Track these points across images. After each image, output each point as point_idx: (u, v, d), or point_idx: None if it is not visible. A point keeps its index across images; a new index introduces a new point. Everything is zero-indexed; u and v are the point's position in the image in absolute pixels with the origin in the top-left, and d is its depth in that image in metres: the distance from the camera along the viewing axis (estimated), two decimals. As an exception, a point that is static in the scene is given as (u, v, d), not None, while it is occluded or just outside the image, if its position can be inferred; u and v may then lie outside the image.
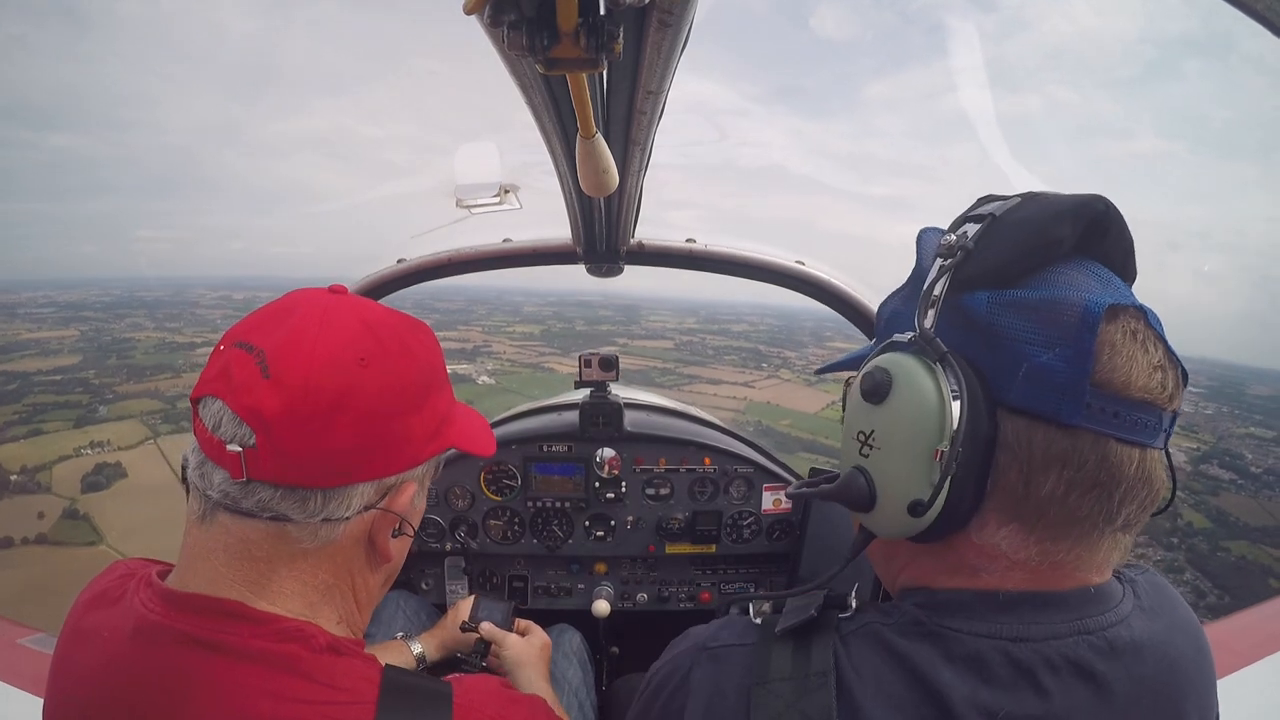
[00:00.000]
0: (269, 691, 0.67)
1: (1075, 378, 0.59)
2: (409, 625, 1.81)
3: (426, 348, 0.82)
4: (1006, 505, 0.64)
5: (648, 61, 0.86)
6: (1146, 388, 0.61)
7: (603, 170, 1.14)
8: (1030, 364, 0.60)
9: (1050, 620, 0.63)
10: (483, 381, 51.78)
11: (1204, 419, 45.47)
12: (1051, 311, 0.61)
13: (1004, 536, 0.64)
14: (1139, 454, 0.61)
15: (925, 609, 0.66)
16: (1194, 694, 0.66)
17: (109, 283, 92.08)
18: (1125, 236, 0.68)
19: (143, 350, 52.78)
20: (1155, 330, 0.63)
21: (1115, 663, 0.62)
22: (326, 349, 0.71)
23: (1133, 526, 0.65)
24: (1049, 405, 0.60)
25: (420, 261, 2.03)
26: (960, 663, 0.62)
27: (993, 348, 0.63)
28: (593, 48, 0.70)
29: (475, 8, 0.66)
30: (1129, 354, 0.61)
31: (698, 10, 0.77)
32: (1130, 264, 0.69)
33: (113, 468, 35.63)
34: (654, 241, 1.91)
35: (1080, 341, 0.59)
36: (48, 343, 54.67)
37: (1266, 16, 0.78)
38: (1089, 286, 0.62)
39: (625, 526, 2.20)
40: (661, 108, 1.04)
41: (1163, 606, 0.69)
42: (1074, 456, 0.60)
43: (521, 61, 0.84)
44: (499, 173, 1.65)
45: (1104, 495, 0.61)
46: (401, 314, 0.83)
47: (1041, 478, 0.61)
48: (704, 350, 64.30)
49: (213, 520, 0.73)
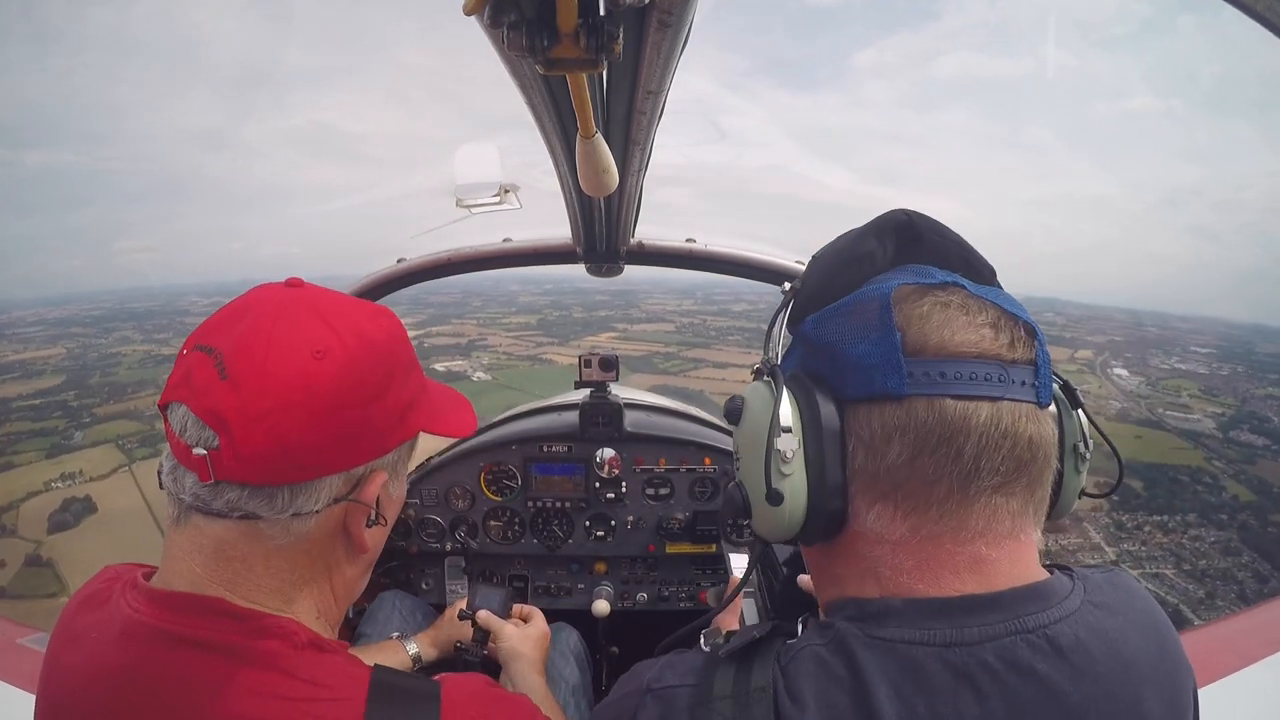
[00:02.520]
0: (251, 688, 0.68)
1: (888, 353, 0.65)
2: (404, 625, 1.81)
3: (387, 334, 0.80)
4: (866, 485, 0.68)
5: (648, 61, 0.86)
6: (968, 342, 0.64)
7: (603, 170, 1.14)
8: (852, 357, 0.67)
9: (984, 622, 0.62)
10: (478, 378, 50.35)
11: (1221, 381, 43.86)
12: (858, 310, 0.69)
13: (875, 517, 0.67)
14: (989, 407, 0.63)
15: (857, 621, 0.66)
16: (1156, 693, 0.64)
17: (100, 295, 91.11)
18: (947, 236, 0.75)
19: (127, 366, 49.84)
20: (983, 298, 0.67)
21: (1060, 661, 0.60)
22: (281, 345, 0.71)
23: (1010, 486, 0.65)
24: (877, 385, 0.65)
25: (420, 261, 2.03)
26: (897, 673, 0.61)
27: (826, 356, 0.70)
28: (593, 48, 0.70)
29: (475, 8, 0.66)
30: (941, 320, 0.65)
31: (697, 10, 0.77)
32: (970, 258, 0.75)
33: (82, 503, 32.39)
34: (654, 241, 1.91)
35: (883, 323, 0.66)
36: (32, 364, 51.86)
37: (1266, 16, 0.78)
38: (894, 280, 0.69)
39: (625, 526, 2.20)
40: (661, 108, 1.04)
41: (1120, 603, 0.67)
42: (910, 422, 0.64)
43: (521, 62, 0.84)
44: (499, 172, 1.65)
45: (952, 452, 0.63)
46: (361, 301, 0.83)
47: (885, 448, 0.65)
48: (706, 332, 62.58)
49: (187, 523, 0.74)
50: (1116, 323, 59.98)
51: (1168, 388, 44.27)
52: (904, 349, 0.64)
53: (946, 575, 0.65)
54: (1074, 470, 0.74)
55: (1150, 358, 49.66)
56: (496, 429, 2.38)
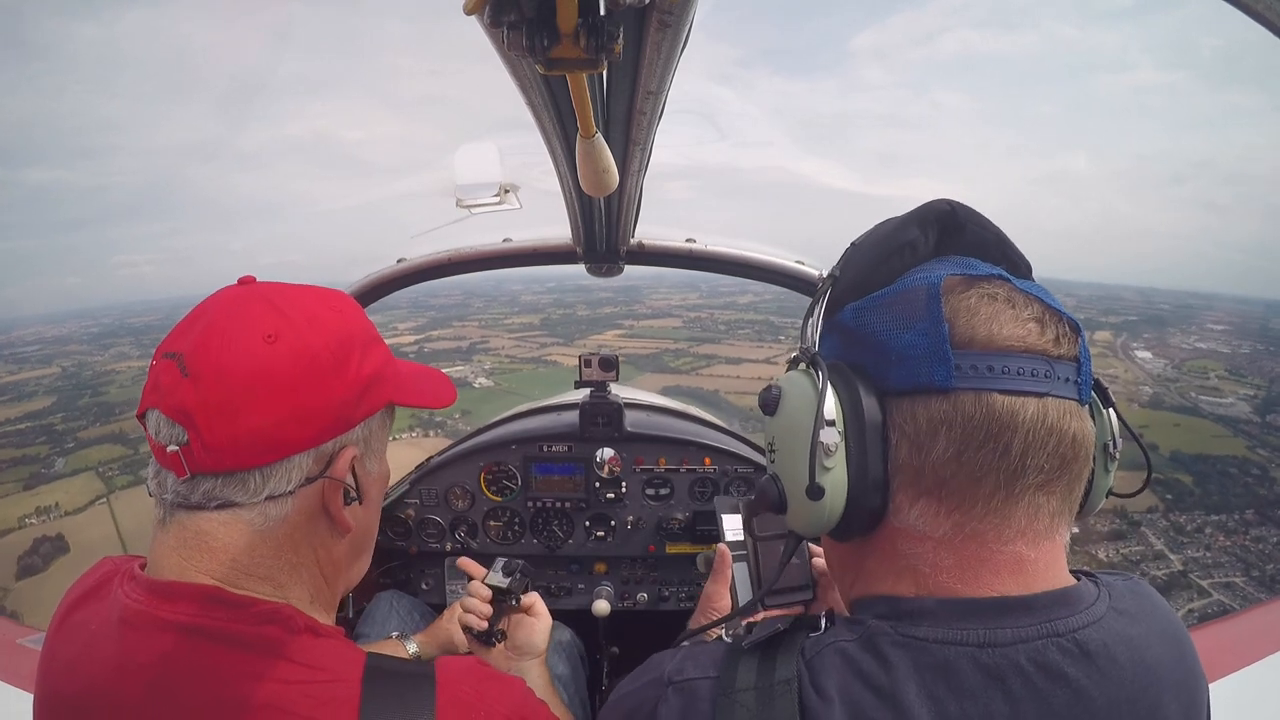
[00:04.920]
0: (251, 674, 0.70)
1: (935, 344, 0.63)
2: (403, 625, 1.81)
3: (339, 313, 0.83)
4: (910, 481, 0.66)
5: (648, 61, 0.86)
6: (1015, 336, 0.63)
7: (603, 170, 1.14)
8: (897, 348, 0.66)
9: (1017, 624, 0.62)
10: (480, 385, 48.14)
11: (1245, 360, 43.27)
12: (903, 299, 0.67)
13: (918, 514, 0.66)
14: (1035, 403, 0.62)
15: (890, 619, 0.66)
16: (1176, 700, 0.65)
17: (101, 310, 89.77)
18: (987, 228, 0.73)
19: (119, 384, 48.13)
20: (1027, 293, 0.66)
21: (1088, 665, 0.61)
22: (234, 336, 0.74)
23: (1053, 485, 0.64)
24: (923, 377, 0.64)
25: (420, 261, 2.03)
26: (929, 672, 0.61)
27: (868, 347, 0.69)
28: (593, 48, 0.70)
29: (475, 8, 0.66)
30: (990, 313, 0.64)
31: (697, 10, 0.77)
32: (1008, 251, 0.73)
33: (53, 543, 30.21)
34: (654, 241, 1.91)
35: (931, 314, 0.64)
36: (24, 385, 50.93)
37: (1266, 16, 0.78)
38: (939, 271, 0.68)
39: (625, 526, 2.20)
40: (661, 108, 1.04)
41: (1143, 611, 0.68)
42: (957, 416, 0.63)
43: (521, 62, 0.84)
44: (499, 173, 1.65)
45: (1000, 448, 0.62)
46: (313, 287, 0.85)
47: (930, 443, 0.64)
48: (715, 326, 61.21)
49: (171, 520, 0.77)
50: (1127, 302, 59.22)
51: (1193, 369, 43.38)
52: (951, 341, 0.63)
53: (986, 575, 0.65)
54: (1104, 470, 0.74)
55: (1169, 337, 48.77)
56: (496, 429, 2.38)
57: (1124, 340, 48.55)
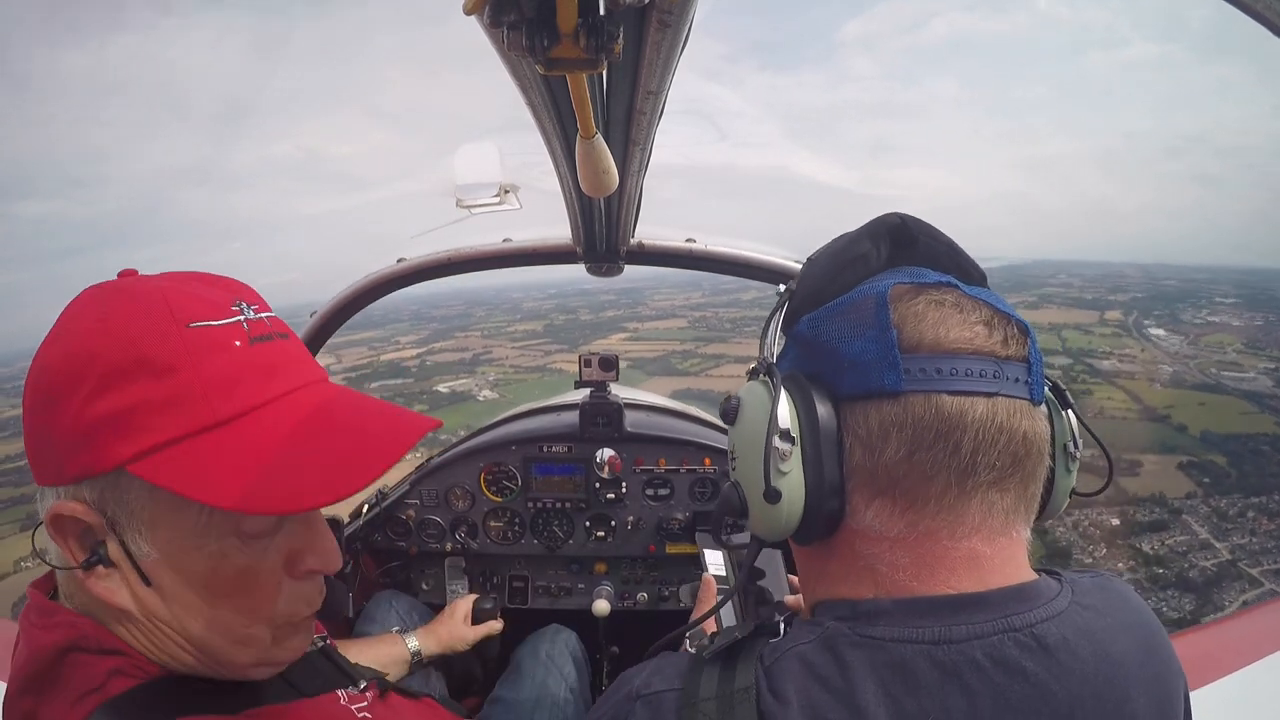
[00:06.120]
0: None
1: (884, 349, 0.65)
2: (402, 625, 1.82)
3: (100, 323, 0.64)
4: (864, 482, 0.68)
5: (647, 62, 0.86)
6: (963, 339, 0.65)
7: (603, 170, 1.14)
8: (849, 355, 0.68)
9: (971, 620, 0.62)
10: (484, 397, 46.86)
11: (1259, 332, 42.54)
12: (854, 309, 0.70)
13: (874, 515, 0.68)
14: (985, 403, 0.64)
15: (848, 620, 0.66)
16: (1146, 694, 0.65)
17: None
18: (938, 239, 0.76)
19: None
20: (976, 297, 0.68)
21: (1047, 659, 0.61)
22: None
23: (1005, 482, 0.65)
24: (873, 382, 0.66)
25: (420, 261, 2.03)
26: (885, 671, 0.62)
27: (822, 356, 0.71)
28: (593, 48, 0.70)
29: (475, 8, 0.66)
30: (937, 318, 0.66)
31: (697, 10, 0.77)
32: (960, 260, 0.76)
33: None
34: (654, 241, 1.91)
35: (879, 321, 0.66)
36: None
37: (1266, 16, 0.78)
38: (889, 280, 0.70)
39: (625, 527, 2.20)
40: (661, 108, 1.04)
41: (1109, 606, 0.68)
42: (907, 418, 0.64)
43: (521, 62, 0.84)
44: (499, 173, 1.65)
45: (949, 446, 0.63)
46: (99, 287, 0.69)
47: (882, 445, 0.66)
48: (720, 325, 60.20)
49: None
50: (1132, 280, 58.38)
51: (1210, 344, 42.56)
52: (900, 346, 0.65)
53: (942, 572, 0.65)
54: (1065, 470, 0.75)
55: (1180, 313, 47.98)
56: (496, 429, 2.38)
57: (1135, 318, 47.64)
